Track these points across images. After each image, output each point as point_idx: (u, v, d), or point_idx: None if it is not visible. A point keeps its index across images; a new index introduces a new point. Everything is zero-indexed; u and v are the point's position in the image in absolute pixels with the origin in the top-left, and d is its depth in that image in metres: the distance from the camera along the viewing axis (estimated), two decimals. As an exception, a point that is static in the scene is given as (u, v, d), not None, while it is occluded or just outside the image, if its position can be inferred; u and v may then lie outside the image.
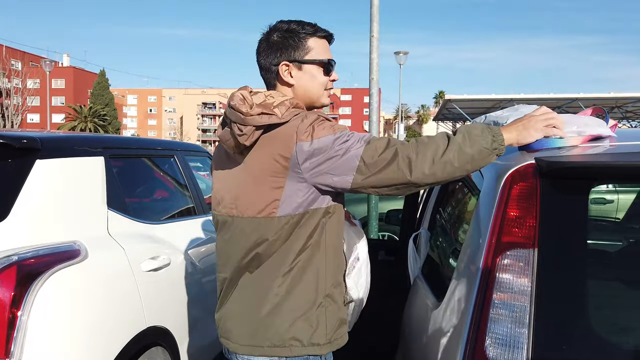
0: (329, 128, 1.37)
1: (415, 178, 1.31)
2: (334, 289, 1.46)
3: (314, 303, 1.41)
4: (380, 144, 1.35)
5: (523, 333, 1.07)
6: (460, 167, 1.31)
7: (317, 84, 1.52)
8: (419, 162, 1.31)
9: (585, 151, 1.33)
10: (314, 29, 1.51)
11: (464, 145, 1.31)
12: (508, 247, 1.16)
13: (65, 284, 1.79)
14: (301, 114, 1.41)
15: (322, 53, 1.52)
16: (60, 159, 2.00)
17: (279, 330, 1.39)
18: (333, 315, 1.44)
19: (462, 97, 23.68)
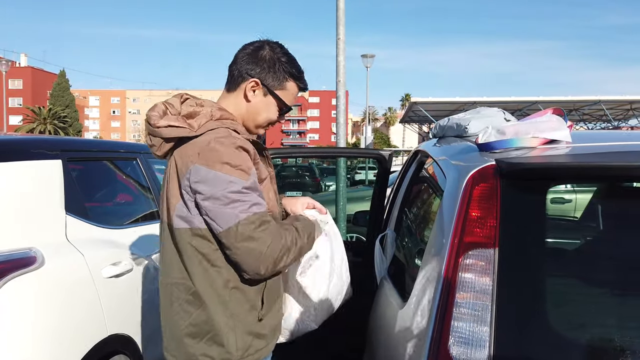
0: (232, 167, 1.34)
1: (264, 273, 1.38)
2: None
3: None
4: (256, 222, 1.35)
5: (485, 331, 1.09)
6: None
7: (267, 117, 1.55)
8: (270, 268, 1.37)
9: (543, 153, 1.37)
10: (300, 77, 1.57)
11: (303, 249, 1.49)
12: (470, 247, 1.17)
13: (21, 292, 1.72)
14: (216, 131, 1.39)
15: (290, 99, 1.57)
16: (15, 162, 1.92)
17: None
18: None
19: (427, 99, 24.13)
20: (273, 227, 1.38)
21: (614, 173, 1.18)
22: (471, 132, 1.91)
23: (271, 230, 1.36)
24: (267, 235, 1.34)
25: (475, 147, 1.52)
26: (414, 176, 2.53)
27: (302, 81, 1.58)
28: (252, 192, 1.36)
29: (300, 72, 1.57)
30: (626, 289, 1.16)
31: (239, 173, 1.34)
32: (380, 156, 2.75)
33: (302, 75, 1.58)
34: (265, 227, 1.35)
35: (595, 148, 1.44)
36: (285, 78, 1.53)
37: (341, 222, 5.62)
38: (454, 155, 1.64)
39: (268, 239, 1.34)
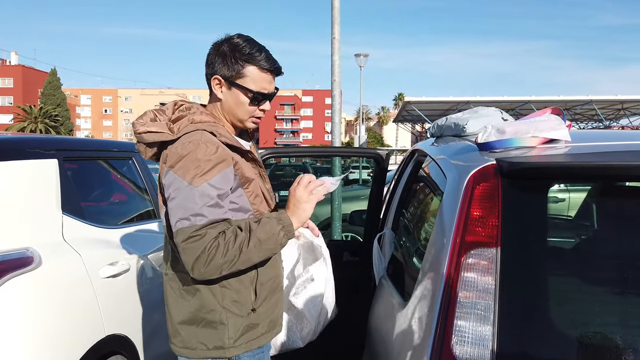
0: (188, 171, 1.37)
1: (196, 274, 1.38)
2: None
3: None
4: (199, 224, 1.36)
5: (488, 330, 1.09)
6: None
7: (242, 110, 1.53)
8: (209, 270, 1.37)
9: (543, 152, 1.38)
10: (256, 58, 1.50)
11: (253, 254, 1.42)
12: (472, 247, 1.18)
13: (18, 292, 1.70)
14: (190, 134, 1.42)
15: (256, 83, 1.51)
16: (11, 161, 1.90)
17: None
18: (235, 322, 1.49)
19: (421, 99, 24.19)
20: (201, 242, 1.35)
21: (616, 172, 1.19)
22: (469, 132, 1.91)
23: (202, 243, 1.34)
24: (193, 250, 1.34)
25: (475, 146, 1.53)
26: (411, 176, 2.54)
27: (260, 62, 1.50)
28: (202, 200, 1.36)
29: (255, 54, 1.50)
30: (628, 287, 1.17)
31: (193, 178, 1.36)
32: (378, 155, 2.76)
33: (258, 56, 1.50)
34: (196, 239, 1.34)
35: (595, 147, 1.45)
36: (242, 65, 1.49)
37: (336, 221, 5.62)
38: (454, 154, 1.64)
39: (193, 253, 1.34)
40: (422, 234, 1.67)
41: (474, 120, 1.96)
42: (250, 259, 1.42)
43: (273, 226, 1.44)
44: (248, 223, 1.44)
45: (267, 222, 1.45)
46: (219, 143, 1.43)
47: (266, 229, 1.43)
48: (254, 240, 1.41)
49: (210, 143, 1.41)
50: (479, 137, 1.51)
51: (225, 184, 1.42)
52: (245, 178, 1.50)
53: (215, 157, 1.40)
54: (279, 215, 1.48)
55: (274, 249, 1.46)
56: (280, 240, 1.45)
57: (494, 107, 2.16)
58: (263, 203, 1.57)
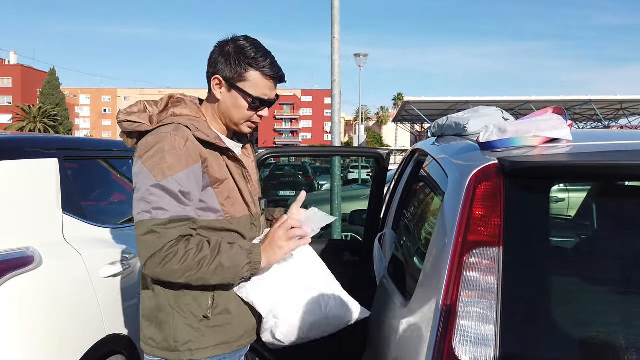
0: (153, 162, 1.34)
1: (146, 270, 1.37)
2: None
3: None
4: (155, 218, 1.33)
5: (490, 330, 1.09)
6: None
7: (239, 113, 1.51)
8: (165, 270, 1.34)
9: (545, 151, 1.38)
10: (260, 64, 1.47)
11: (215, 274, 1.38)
12: (474, 246, 1.18)
13: (18, 292, 1.70)
14: (165, 127, 1.41)
15: (257, 88, 1.48)
16: (11, 160, 1.90)
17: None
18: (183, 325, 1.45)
19: (420, 99, 24.20)
20: (159, 239, 1.32)
21: (619, 172, 1.18)
22: (470, 131, 1.91)
23: (160, 241, 1.32)
24: (149, 245, 1.32)
25: (477, 146, 1.52)
26: (412, 175, 2.53)
27: (264, 68, 1.47)
28: (165, 193, 1.33)
29: (260, 59, 1.46)
30: (632, 287, 1.17)
31: (157, 171, 1.34)
32: (378, 155, 2.75)
33: (262, 62, 1.47)
34: (154, 235, 1.32)
35: (597, 147, 1.45)
36: (244, 68, 1.46)
37: (336, 221, 5.62)
38: (455, 154, 1.64)
39: (149, 248, 1.33)
40: (424, 234, 1.67)
41: (475, 120, 1.95)
42: (205, 279, 1.38)
43: (240, 258, 1.41)
44: (219, 243, 1.40)
45: (237, 251, 1.41)
46: (189, 137, 1.40)
47: (233, 257, 1.40)
48: (217, 263, 1.37)
49: (180, 136, 1.38)
50: (480, 136, 1.50)
51: (190, 182, 1.38)
52: (215, 178, 1.45)
53: (183, 152, 1.37)
54: (251, 249, 1.44)
55: (232, 278, 1.42)
56: (241, 273, 1.42)
57: (495, 107, 2.16)
58: (237, 206, 1.51)
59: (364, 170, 20.85)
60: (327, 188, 15.80)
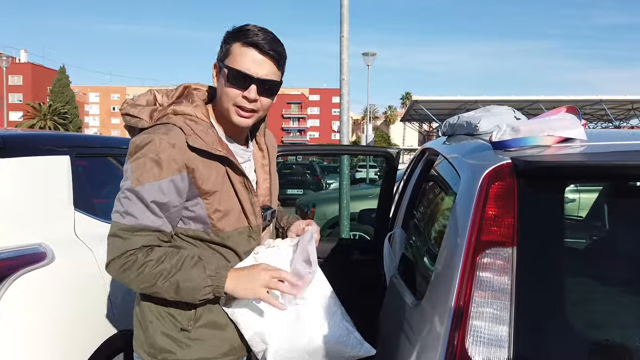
0: (134, 167, 1.27)
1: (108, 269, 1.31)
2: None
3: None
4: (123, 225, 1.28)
5: (504, 331, 1.08)
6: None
7: (224, 95, 1.35)
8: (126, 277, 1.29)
9: (559, 151, 1.37)
10: (238, 33, 1.34)
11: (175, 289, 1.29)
12: (487, 246, 1.17)
13: (31, 288, 1.71)
14: (157, 127, 1.32)
15: (236, 60, 1.32)
16: (23, 157, 1.91)
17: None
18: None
19: (429, 98, 24.11)
20: (122, 244, 1.26)
21: (635, 172, 1.17)
22: (482, 130, 1.90)
23: (124, 246, 1.26)
24: (113, 248, 1.28)
25: (489, 145, 1.51)
26: (422, 174, 2.52)
27: (245, 37, 1.32)
28: (138, 200, 1.26)
29: (245, 31, 1.33)
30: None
31: (135, 175, 1.27)
32: (388, 154, 2.74)
33: (241, 31, 1.33)
34: (119, 240, 1.27)
35: (612, 147, 1.43)
36: (229, 43, 1.35)
37: (344, 220, 5.61)
38: (467, 153, 1.63)
39: (112, 251, 1.28)
40: (435, 233, 1.66)
41: (487, 119, 1.94)
42: (161, 294, 1.30)
43: (201, 279, 1.28)
44: (183, 258, 1.29)
45: (198, 271, 1.29)
46: (177, 143, 1.28)
47: (192, 277, 1.28)
48: (173, 280, 1.27)
49: (167, 140, 1.27)
50: (493, 135, 1.49)
51: (168, 192, 1.28)
52: (203, 190, 1.33)
53: (165, 160, 1.27)
54: (217, 271, 1.30)
55: (191, 298, 1.31)
56: (201, 295, 1.30)
57: (506, 106, 2.14)
58: (230, 219, 1.37)
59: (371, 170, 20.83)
60: (334, 187, 15.81)
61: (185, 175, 1.30)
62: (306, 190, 14.35)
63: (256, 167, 1.52)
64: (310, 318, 1.40)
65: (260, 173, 1.51)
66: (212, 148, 1.32)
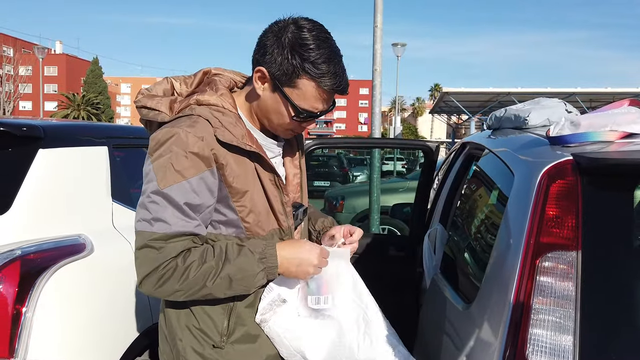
0: (158, 165, 1.14)
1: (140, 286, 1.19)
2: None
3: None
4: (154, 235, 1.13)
5: (568, 341, 1.01)
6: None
7: (279, 120, 1.25)
8: (159, 289, 1.16)
9: (625, 147, 1.27)
10: (319, 72, 1.17)
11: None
12: (548, 249, 1.09)
13: (71, 279, 1.71)
14: (180, 120, 1.19)
15: (306, 100, 1.20)
16: (63, 148, 1.91)
17: None
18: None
19: (459, 90, 23.65)
20: (158, 256, 1.13)
21: None
22: (531, 124, 1.81)
23: (158, 259, 1.13)
24: (146, 262, 1.14)
25: (545, 140, 1.42)
26: (462, 170, 2.43)
27: (322, 78, 1.17)
28: (168, 203, 1.13)
29: (320, 64, 1.16)
30: None
31: (161, 175, 1.13)
32: (427, 147, 2.66)
33: (322, 70, 1.17)
34: (152, 251, 1.13)
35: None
36: (297, 73, 1.17)
37: (374, 213, 5.55)
38: (520, 148, 1.54)
39: (146, 266, 1.14)
40: (483, 233, 1.58)
41: (537, 112, 1.84)
42: (213, 294, 1.18)
43: (251, 265, 1.18)
44: (225, 249, 1.18)
45: (247, 257, 1.18)
46: (206, 136, 1.16)
47: (242, 266, 1.17)
48: (224, 275, 1.16)
49: (193, 134, 1.14)
50: (551, 129, 1.40)
51: (200, 191, 1.15)
52: (234, 188, 1.21)
53: (192, 154, 1.14)
54: (264, 251, 1.20)
55: (246, 290, 1.21)
56: (256, 283, 1.20)
57: (557, 99, 2.04)
58: (263, 221, 1.26)
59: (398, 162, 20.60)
60: (361, 179, 15.72)
61: (215, 171, 1.18)
62: (333, 183, 14.32)
63: (285, 161, 1.40)
64: (352, 333, 1.32)
65: (289, 167, 1.40)
66: (242, 143, 1.20)
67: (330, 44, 1.20)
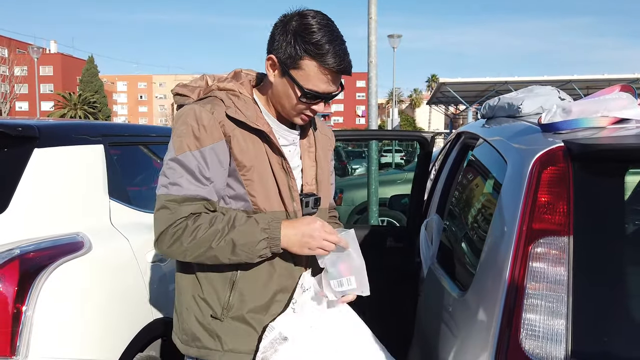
0: (177, 136, 1.30)
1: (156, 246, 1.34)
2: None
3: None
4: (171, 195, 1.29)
5: (561, 325, 1.02)
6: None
7: (289, 103, 1.35)
8: (173, 248, 1.30)
9: (615, 133, 1.28)
10: (319, 53, 1.26)
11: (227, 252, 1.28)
12: (540, 235, 1.10)
13: (70, 277, 1.72)
14: (198, 101, 1.35)
15: (310, 80, 1.29)
16: (59, 147, 1.92)
17: None
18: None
19: (456, 80, 23.60)
20: (171, 215, 1.27)
21: None
22: (525, 112, 1.81)
23: (171, 217, 1.27)
24: (161, 221, 1.28)
25: (537, 127, 1.43)
26: (458, 159, 2.44)
27: (323, 57, 1.26)
28: (182, 169, 1.28)
29: (321, 45, 1.26)
30: None
31: (177, 144, 1.30)
32: (422, 138, 2.67)
33: (322, 49, 1.26)
34: (166, 212, 1.28)
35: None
36: (300, 54, 1.27)
37: (373, 205, 5.55)
38: (513, 136, 1.55)
39: (161, 225, 1.28)
40: (478, 221, 1.60)
41: (530, 100, 1.85)
42: (217, 257, 1.28)
43: (255, 232, 1.27)
44: (233, 217, 1.29)
45: (251, 225, 1.28)
46: (217, 111, 1.30)
47: (246, 232, 1.27)
48: (228, 238, 1.26)
49: (206, 110, 1.30)
50: (542, 117, 1.41)
51: (210, 162, 1.29)
52: (240, 162, 1.32)
53: (204, 126, 1.28)
54: (269, 223, 1.29)
55: (248, 257, 1.28)
56: (258, 251, 1.28)
57: (550, 86, 2.04)
58: (270, 199, 1.35)
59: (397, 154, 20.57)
60: (359, 172, 15.70)
61: (224, 142, 1.31)
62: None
63: (302, 154, 1.48)
64: (347, 353, 1.35)
65: (306, 159, 1.48)
66: (251, 122, 1.33)
67: (332, 28, 1.31)
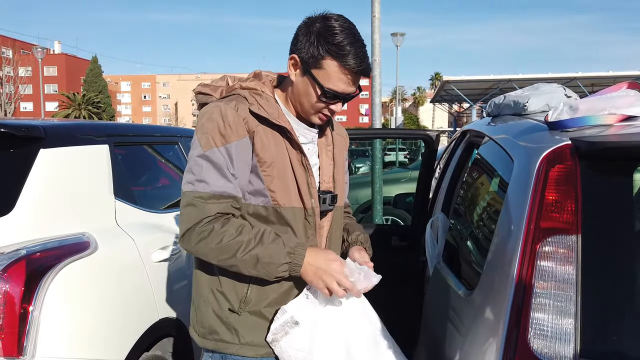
0: (202, 132, 1.32)
1: (181, 243, 1.34)
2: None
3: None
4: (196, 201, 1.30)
5: (570, 324, 1.02)
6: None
7: (308, 102, 1.38)
8: (199, 246, 1.30)
9: (623, 130, 1.27)
10: (340, 54, 1.31)
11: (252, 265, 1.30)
12: (548, 233, 1.10)
13: (77, 277, 1.73)
14: (226, 99, 1.38)
15: (331, 80, 1.33)
16: (64, 147, 1.92)
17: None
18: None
19: (460, 78, 23.53)
20: (198, 213, 1.28)
21: None
22: (531, 110, 1.81)
23: (199, 214, 1.28)
24: (188, 218, 1.30)
25: (543, 125, 1.42)
26: (463, 157, 2.44)
27: (344, 58, 1.30)
28: (210, 165, 1.30)
29: (342, 46, 1.30)
30: None
31: (204, 140, 1.31)
32: (427, 137, 2.66)
33: (343, 50, 1.30)
34: (194, 209, 1.29)
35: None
36: (322, 54, 1.31)
37: (377, 204, 5.54)
38: (519, 134, 1.54)
39: (188, 222, 1.30)
40: (484, 220, 1.59)
41: (536, 98, 1.84)
42: (238, 267, 1.29)
43: (280, 254, 1.28)
44: (262, 232, 1.30)
45: (279, 245, 1.29)
46: (240, 108, 1.34)
47: (272, 252, 1.28)
48: (253, 252, 1.27)
49: (231, 107, 1.33)
50: (549, 115, 1.40)
51: (236, 156, 1.31)
52: (261, 157, 1.35)
53: (229, 123, 1.31)
54: (294, 248, 1.30)
55: (267, 275, 1.30)
56: (277, 272, 1.29)
57: (556, 84, 2.03)
58: (289, 195, 1.37)
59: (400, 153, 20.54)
60: (363, 171, 15.68)
61: (248, 139, 1.34)
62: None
63: (320, 152, 1.51)
64: (361, 354, 1.34)
65: (324, 158, 1.51)
66: (273, 118, 1.36)
67: (353, 31, 1.35)
